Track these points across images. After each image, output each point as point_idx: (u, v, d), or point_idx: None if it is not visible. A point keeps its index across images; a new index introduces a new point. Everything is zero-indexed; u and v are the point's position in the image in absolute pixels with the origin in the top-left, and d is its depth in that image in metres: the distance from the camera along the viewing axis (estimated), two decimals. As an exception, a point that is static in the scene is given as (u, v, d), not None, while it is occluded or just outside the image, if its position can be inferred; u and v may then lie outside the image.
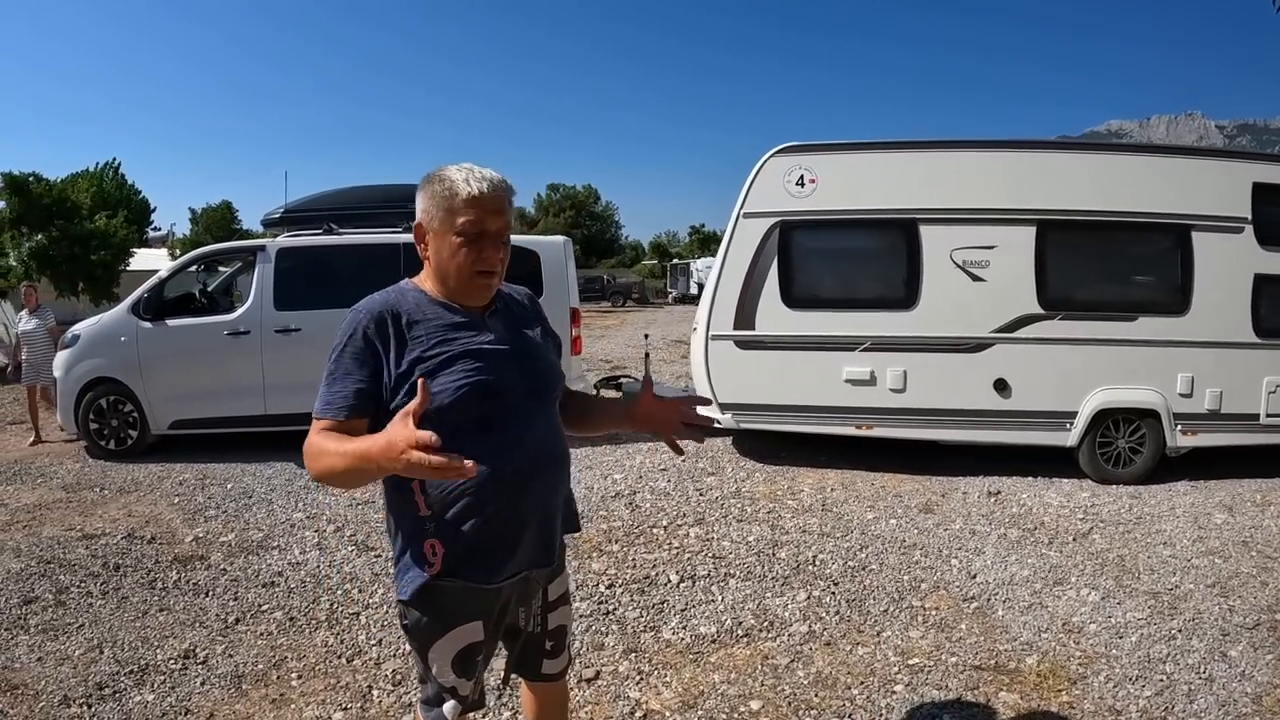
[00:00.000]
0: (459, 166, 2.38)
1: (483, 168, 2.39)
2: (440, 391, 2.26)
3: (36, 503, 8.26)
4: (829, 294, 9.27)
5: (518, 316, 2.58)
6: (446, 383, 2.28)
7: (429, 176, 2.41)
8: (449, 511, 2.33)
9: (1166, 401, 8.55)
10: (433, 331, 2.36)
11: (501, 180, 2.39)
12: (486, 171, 2.38)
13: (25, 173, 19.62)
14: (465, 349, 2.35)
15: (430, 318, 2.38)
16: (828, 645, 5.00)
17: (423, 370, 2.28)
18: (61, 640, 5.17)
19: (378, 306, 2.37)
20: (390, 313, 2.36)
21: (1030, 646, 4.96)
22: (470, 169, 2.37)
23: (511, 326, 2.51)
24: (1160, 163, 8.94)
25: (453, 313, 2.41)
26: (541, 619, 2.68)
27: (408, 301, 2.41)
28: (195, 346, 10.12)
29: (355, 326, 2.34)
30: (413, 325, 2.35)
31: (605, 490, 8.35)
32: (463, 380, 2.30)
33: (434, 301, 2.42)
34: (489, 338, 2.41)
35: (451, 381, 2.29)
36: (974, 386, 8.71)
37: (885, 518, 7.46)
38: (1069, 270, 8.84)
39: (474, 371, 2.32)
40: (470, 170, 2.36)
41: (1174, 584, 5.92)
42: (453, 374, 2.30)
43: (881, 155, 9.16)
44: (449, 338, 2.36)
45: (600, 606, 5.59)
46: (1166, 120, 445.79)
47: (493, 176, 2.37)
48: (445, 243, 2.37)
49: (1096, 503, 7.92)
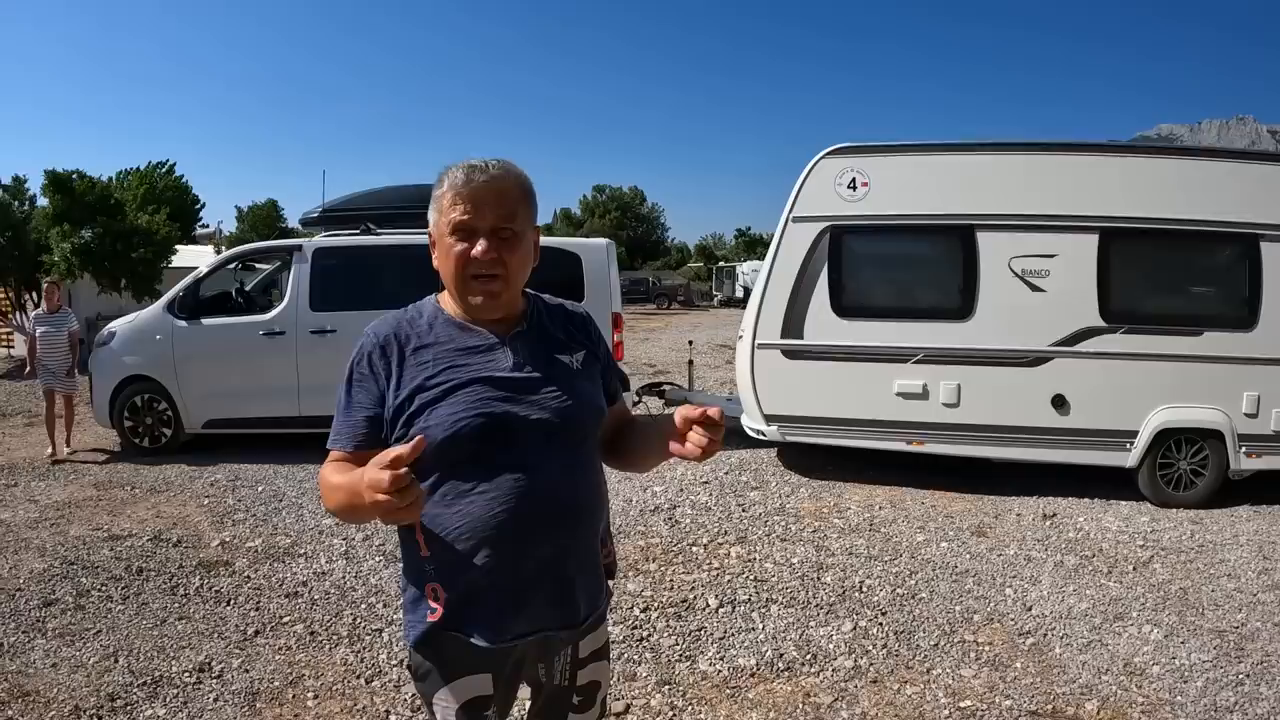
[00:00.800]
0: (464, 161, 2.13)
1: (491, 159, 2.12)
2: (436, 425, 2.03)
3: (67, 500, 8.25)
4: (881, 302, 9.00)
5: (552, 339, 2.25)
6: (444, 415, 2.04)
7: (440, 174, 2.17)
8: (448, 554, 2.09)
9: (1231, 422, 8.14)
10: (441, 356, 2.11)
11: (503, 171, 2.11)
12: (490, 162, 2.11)
13: (68, 170, 19.73)
14: (474, 377, 2.09)
15: (442, 340, 2.14)
16: (874, 683, 4.73)
17: (423, 400, 2.06)
18: (78, 646, 5.08)
19: (385, 330, 2.17)
20: (398, 336, 2.14)
21: (1090, 690, 4.65)
22: (472, 162, 2.11)
23: (539, 351, 2.20)
24: (1228, 168, 8.54)
25: (468, 334, 2.16)
26: (570, 674, 2.35)
27: (421, 322, 2.18)
28: (230, 346, 10.13)
29: (361, 352, 2.17)
30: (421, 349, 2.12)
31: (644, 504, 8.11)
32: (463, 413, 2.04)
33: (450, 322, 2.18)
34: (506, 364, 2.13)
35: (450, 414, 2.04)
36: (1031, 402, 8.37)
37: (936, 540, 7.15)
38: (1132, 281, 8.50)
39: (478, 404, 2.06)
40: (470, 163, 2.10)
41: (1240, 621, 5.58)
42: (453, 405, 2.05)
43: (937, 157, 8.86)
44: (458, 364, 2.11)
45: (634, 632, 5.36)
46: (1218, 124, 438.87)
47: (492, 167, 2.10)
48: (442, 248, 2.12)
49: (1156, 528, 7.56)
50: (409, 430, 2.05)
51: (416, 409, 2.06)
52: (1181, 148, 9.64)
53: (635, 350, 23.08)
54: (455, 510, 2.06)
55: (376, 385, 2.13)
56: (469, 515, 2.05)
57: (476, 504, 2.05)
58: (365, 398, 2.13)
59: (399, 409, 2.09)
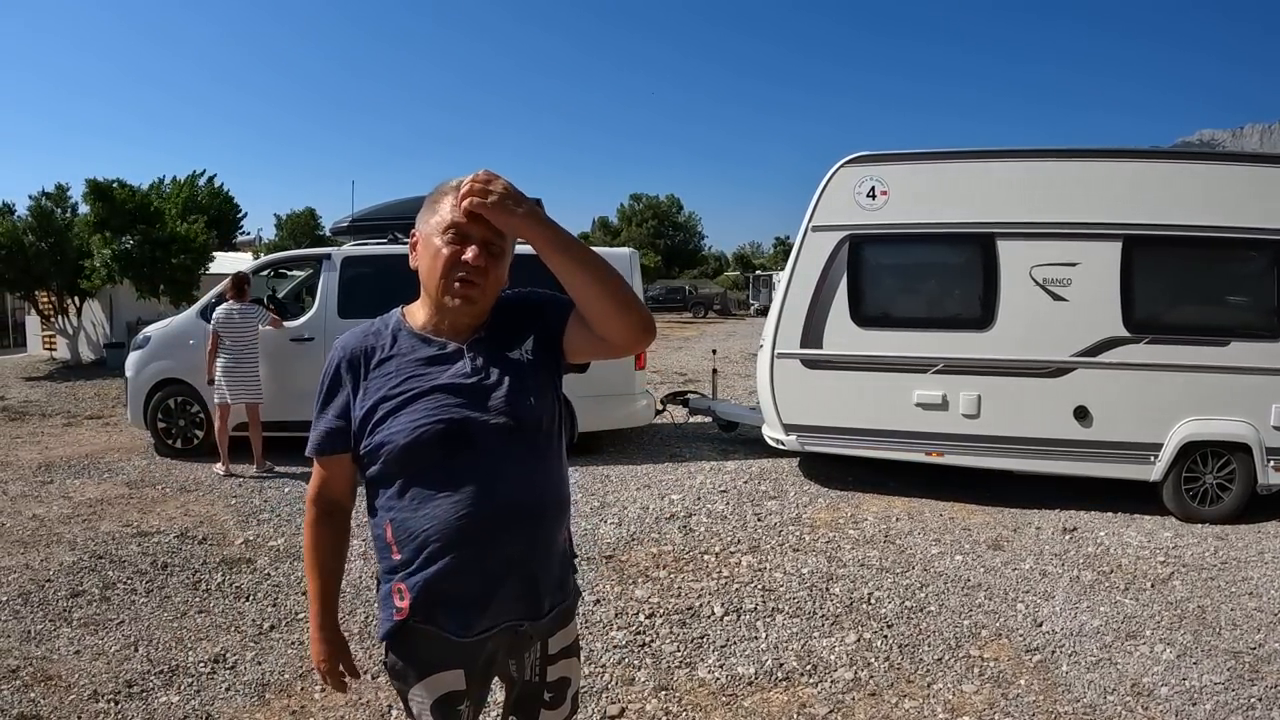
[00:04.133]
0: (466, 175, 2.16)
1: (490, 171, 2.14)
2: (397, 432, 2.13)
3: (99, 497, 8.48)
4: (900, 312, 8.92)
5: (506, 339, 2.27)
6: (406, 423, 2.14)
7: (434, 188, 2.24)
8: (415, 556, 2.16)
9: (1259, 435, 7.96)
10: (404, 367, 2.20)
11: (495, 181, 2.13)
12: (491, 175, 2.13)
13: (109, 179, 20.07)
14: (434, 385, 2.17)
15: (404, 352, 2.23)
16: (872, 696, 4.67)
17: (386, 409, 2.16)
18: (100, 635, 5.30)
19: (353, 343, 2.28)
20: (365, 349, 2.25)
21: (1093, 710, 4.56)
22: (473, 175, 2.13)
23: (495, 354, 2.23)
24: (1256, 173, 8.33)
25: (428, 345, 2.23)
26: (540, 670, 2.42)
27: (386, 335, 2.27)
28: (262, 351, 10.13)
29: (330, 363, 2.28)
30: (385, 362, 2.22)
31: (660, 511, 8.08)
32: (422, 420, 2.13)
33: (411, 334, 2.26)
34: (465, 370, 2.19)
35: (411, 421, 2.14)
36: (1052, 414, 8.24)
37: (951, 553, 7.05)
38: (1157, 290, 8.33)
39: (436, 410, 2.14)
40: (472, 175, 2.13)
41: (1258, 642, 5.43)
42: (413, 413, 2.14)
43: (956, 165, 8.76)
44: (419, 373, 2.19)
45: (637, 637, 5.37)
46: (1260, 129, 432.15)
47: (490, 180, 2.11)
48: (429, 248, 2.17)
49: (1179, 544, 7.40)
50: (374, 439, 2.16)
51: (379, 418, 2.17)
52: (1205, 152, 9.44)
53: (668, 359, 23.13)
54: (422, 514, 2.15)
55: (343, 397, 2.24)
56: (435, 519, 2.13)
57: (441, 508, 2.12)
58: (331, 410, 2.26)
59: (364, 418, 2.19)
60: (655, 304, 50.32)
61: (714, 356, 15.74)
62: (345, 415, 2.23)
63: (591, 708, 4.49)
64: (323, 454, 2.29)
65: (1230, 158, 8.80)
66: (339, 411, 2.24)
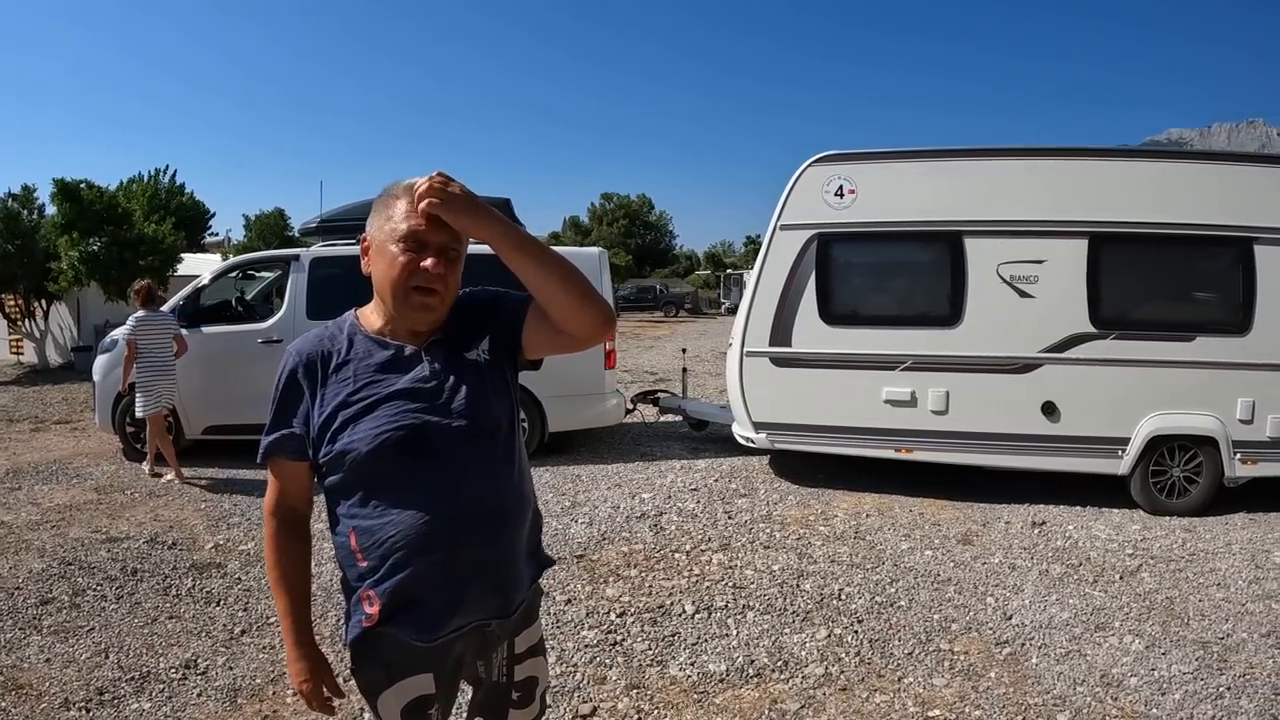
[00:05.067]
0: (417, 177, 2.13)
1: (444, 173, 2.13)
2: (359, 440, 2.11)
3: (68, 503, 8.40)
4: (869, 310, 8.96)
5: (463, 336, 2.26)
6: (367, 430, 2.12)
7: (382, 189, 2.20)
8: (382, 563, 2.14)
9: (1225, 428, 8.05)
10: (361, 372, 2.18)
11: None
12: (446, 177, 2.12)
13: (76, 179, 19.86)
14: (392, 390, 2.15)
15: (361, 356, 2.20)
16: (843, 690, 4.68)
17: (346, 416, 2.14)
18: (71, 643, 5.27)
19: (308, 348, 2.24)
20: (321, 354, 2.22)
21: (1063, 701, 4.59)
22: (428, 176, 2.11)
23: (452, 356, 2.23)
24: (1221, 170, 8.45)
25: (385, 349, 2.21)
26: (507, 670, 2.42)
27: (341, 339, 2.24)
28: (229, 353, 10.21)
29: (284, 369, 2.24)
30: (342, 367, 2.19)
31: (631, 510, 8.08)
32: (384, 427, 2.11)
33: (368, 337, 2.23)
34: (423, 374, 2.18)
35: (373, 429, 2.12)
36: (1021, 409, 8.30)
37: (921, 548, 7.09)
38: (1123, 286, 8.39)
39: (398, 416, 2.12)
40: (427, 176, 2.11)
41: (1226, 632, 5.48)
42: (375, 420, 2.12)
43: (924, 164, 8.79)
44: (377, 379, 2.17)
45: (608, 636, 5.35)
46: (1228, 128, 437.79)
47: (447, 182, 2.11)
48: (384, 255, 2.13)
49: (1147, 536, 7.47)
50: (334, 447, 2.13)
51: (339, 426, 2.15)
52: (1171, 150, 9.58)
53: (638, 358, 23.15)
54: (386, 521, 2.13)
55: (300, 404, 2.20)
56: (399, 525, 2.12)
57: (405, 514, 2.11)
58: (287, 417, 2.21)
59: (324, 426, 2.16)
60: (626, 303, 50.29)
61: (684, 355, 15.74)
62: (303, 422, 2.19)
63: (563, 707, 4.48)
64: (279, 462, 2.25)
65: (1196, 156, 8.90)
66: (296, 418, 2.20)
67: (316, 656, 2.32)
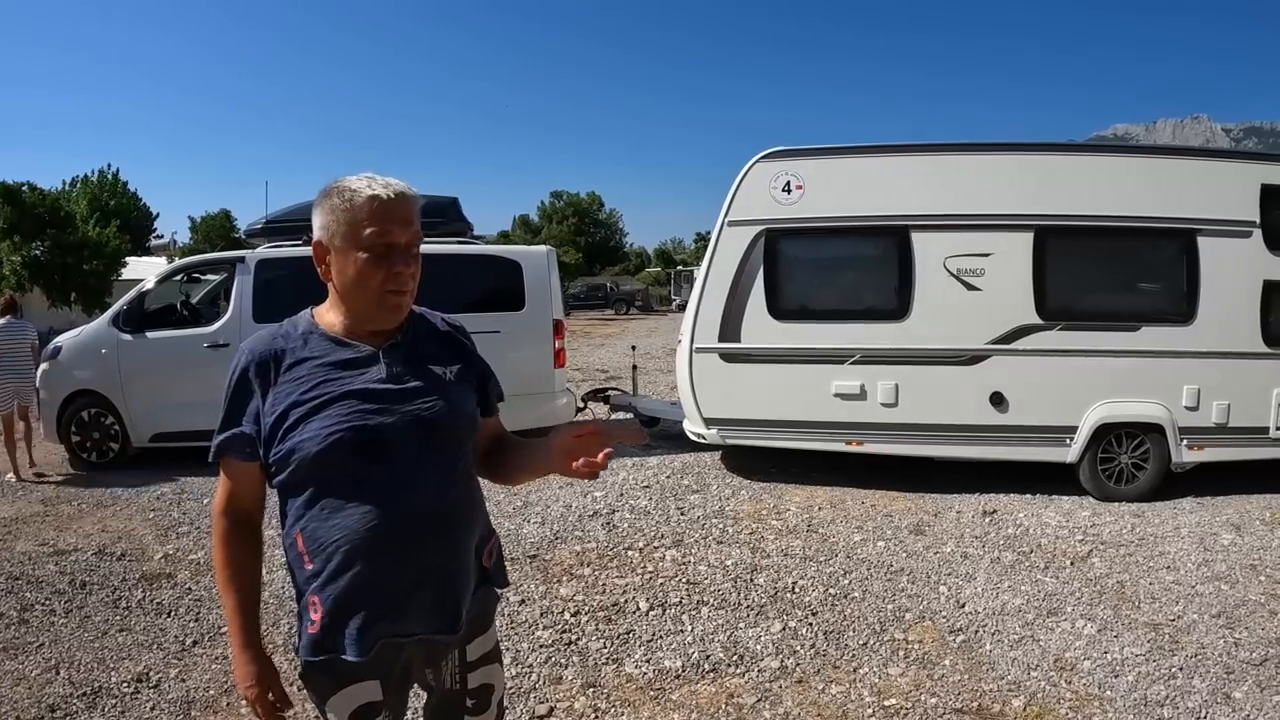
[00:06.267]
0: (359, 176, 2.12)
1: (385, 176, 2.13)
2: (309, 439, 2.05)
3: (14, 516, 8.22)
4: (817, 305, 8.98)
5: (426, 350, 2.26)
6: (318, 429, 2.06)
7: (326, 189, 2.15)
8: (325, 567, 2.09)
9: (1171, 415, 8.18)
10: (316, 371, 2.12)
11: (407, 188, 2.13)
12: (390, 179, 2.12)
13: (18, 182, 19.60)
14: (347, 390, 2.10)
15: (317, 355, 2.15)
16: (799, 683, 4.68)
17: (298, 415, 2.08)
18: (20, 659, 5.13)
19: (261, 346, 2.18)
20: (274, 352, 2.16)
21: (1018, 686, 4.61)
22: (372, 177, 2.11)
23: (413, 361, 2.20)
24: (1164, 164, 8.60)
25: (342, 348, 2.16)
26: (460, 678, 2.36)
27: (296, 337, 2.19)
28: (175, 359, 10.06)
29: (236, 368, 2.18)
30: (296, 365, 2.14)
31: (583, 509, 8.03)
32: (335, 426, 2.05)
33: (324, 337, 2.18)
34: (380, 376, 2.14)
35: (324, 428, 2.05)
36: (969, 400, 8.37)
37: (873, 540, 7.12)
38: (1069, 278, 8.49)
39: (351, 416, 2.07)
40: (372, 178, 2.10)
41: (1176, 614, 5.56)
42: (326, 419, 2.07)
43: (871, 159, 8.83)
44: (331, 378, 2.12)
45: (563, 636, 5.31)
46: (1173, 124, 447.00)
47: (398, 184, 2.11)
48: (349, 260, 2.09)
49: (1097, 523, 7.56)
50: (284, 445, 2.08)
51: (291, 424, 2.09)
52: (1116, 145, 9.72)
53: (589, 356, 23.13)
54: (332, 524, 2.08)
55: (251, 403, 2.14)
56: (345, 529, 2.07)
57: (352, 517, 2.06)
58: (238, 416, 2.15)
59: (275, 424, 2.10)
60: (576, 302, 50.32)
61: (634, 353, 15.74)
62: (255, 421, 2.13)
63: (520, 708, 4.44)
64: (230, 462, 2.20)
65: (1139, 150, 9.03)
66: (247, 417, 2.14)
67: (264, 661, 2.25)
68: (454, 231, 11.09)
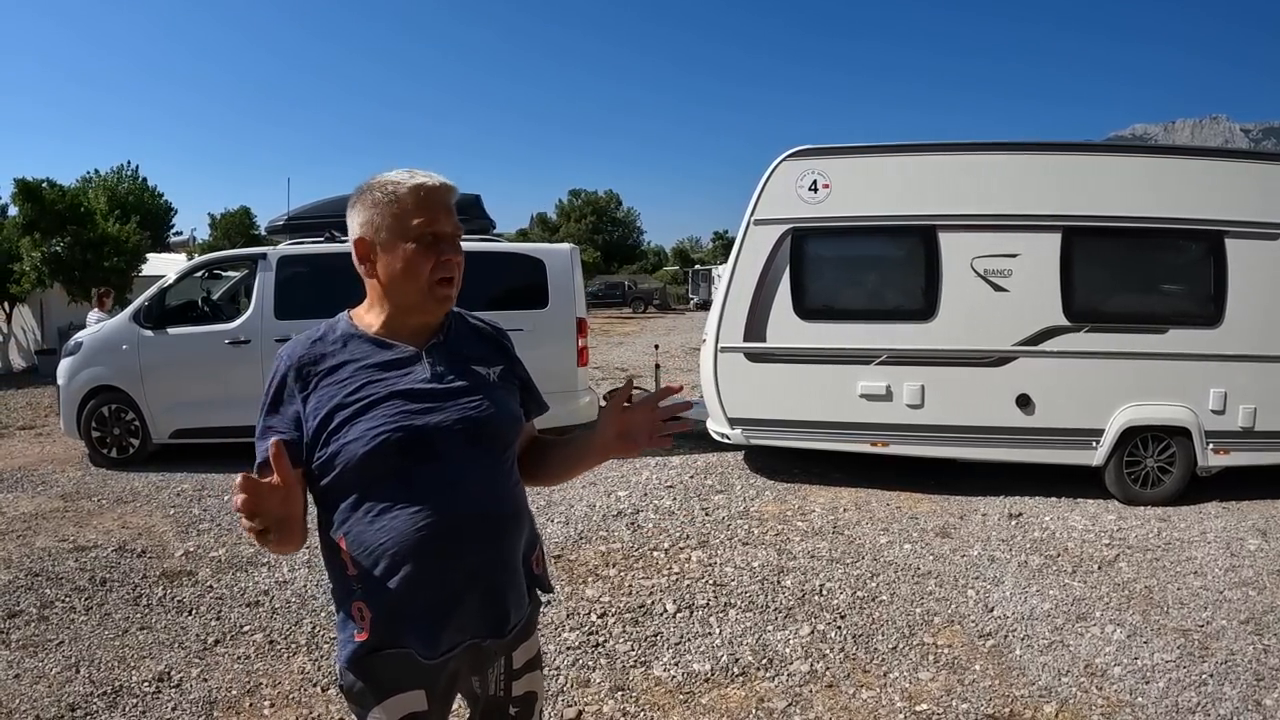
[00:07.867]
0: (396, 171, 2.12)
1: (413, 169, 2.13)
2: (356, 440, 2.02)
3: (34, 512, 8.23)
4: (843, 304, 8.93)
5: (469, 352, 2.25)
6: (364, 430, 2.03)
7: (364, 186, 2.15)
8: (372, 572, 2.05)
9: (1198, 418, 8.12)
10: (358, 373, 2.10)
11: (446, 179, 2.14)
12: (428, 171, 2.13)
13: (38, 178, 19.59)
14: (392, 391, 2.08)
15: (358, 357, 2.13)
16: (829, 687, 4.66)
17: (343, 417, 2.05)
18: (40, 657, 5.11)
19: (300, 350, 2.16)
20: (313, 356, 2.14)
21: (1049, 692, 4.59)
22: (411, 170, 2.11)
23: (457, 362, 2.19)
24: (1192, 165, 8.52)
25: (384, 349, 2.15)
26: (505, 685, 2.33)
27: (333, 340, 2.17)
28: (196, 355, 10.06)
29: (276, 374, 2.15)
30: (337, 369, 2.11)
31: (607, 509, 8.03)
32: (382, 427, 2.03)
33: (365, 339, 2.17)
34: (424, 376, 2.13)
35: (370, 429, 2.03)
36: (995, 402, 8.32)
37: (899, 542, 7.09)
38: (1096, 279, 8.44)
39: (397, 416, 2.05)
40: (413, 171, 2.11)
41: (1205, 620, 5.52)
42: (372, 419, 2.04)
43: (898, 158, 8.78)
44: (375, 379, 2.10)
45: (590, 638, 5.30)
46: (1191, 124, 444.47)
47: (438, 175, 2.13)
48: (397, 253, 2.10)
49: (1123, 526, 7.52)
50: (330, 448, 2.05)
51: (336, 426, 2.06)
52: (1143, 146, 9.64)
53: (608, 354, 23.11)
54: (379, 527, 2.04)
55: (291, 408, 2.11)
56: (393, 530, 2.03)
57: (400, 518, 2.03)
58: (278, 421, 2.11)
59: (319, 428, 2.07)
60: (595, 300, 50.31)
61: (656, 351, 15.71)
62: (296, 427, 2.09)
63: (548, 711, 4.42)
64: (264, 469, 2.04)
65: (1167, 151, 8.95)
66: (288, 424, 2.10)
67: None
68: (477, 229, 11.08)
